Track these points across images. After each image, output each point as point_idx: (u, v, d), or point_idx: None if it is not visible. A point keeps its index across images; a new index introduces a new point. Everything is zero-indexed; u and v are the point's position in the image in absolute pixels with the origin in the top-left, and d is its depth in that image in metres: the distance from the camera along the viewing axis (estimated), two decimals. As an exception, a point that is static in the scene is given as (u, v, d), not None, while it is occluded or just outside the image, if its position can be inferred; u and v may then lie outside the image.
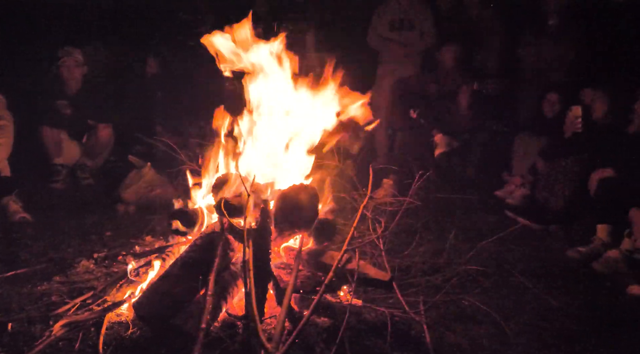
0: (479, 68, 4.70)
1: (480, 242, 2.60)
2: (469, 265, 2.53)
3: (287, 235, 2.21)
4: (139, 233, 3.22)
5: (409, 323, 2.09)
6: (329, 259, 2.09)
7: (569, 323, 2.22)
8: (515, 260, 2.88)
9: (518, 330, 2.14)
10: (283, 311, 1.80)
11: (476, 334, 2.10)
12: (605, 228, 3.06)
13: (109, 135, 4.63)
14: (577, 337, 2.12)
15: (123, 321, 2.06)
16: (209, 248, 2.08)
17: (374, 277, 1.98)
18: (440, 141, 4.38)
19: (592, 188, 3.26)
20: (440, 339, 2.02)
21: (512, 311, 2.28)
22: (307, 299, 2.08)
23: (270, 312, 2.10)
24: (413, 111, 4.52)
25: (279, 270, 2.21)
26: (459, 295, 2.33)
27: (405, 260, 2.62)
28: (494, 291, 2.45)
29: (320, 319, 2.10)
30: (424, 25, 4.65)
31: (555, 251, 3.11)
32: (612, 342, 2.08)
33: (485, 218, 3.64)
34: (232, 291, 2.11)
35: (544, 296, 2.39)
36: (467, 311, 2.26)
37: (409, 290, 2.34)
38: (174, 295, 1.94)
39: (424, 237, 2.88)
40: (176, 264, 2.09)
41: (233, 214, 2.11)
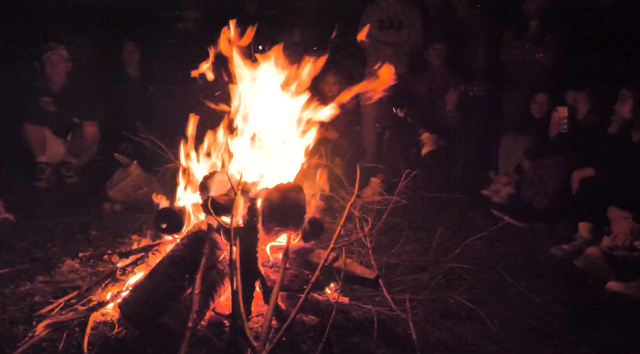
0: (467, 68, 4.75)
1: (466, 240, 2.63)
2: (455, 263, 2.56)
3: (275, 233, 2.22)
4: (125, 232, 3.20)
5: (395, 321, 2.11)
6: (316, 257, 2.10)
7: (551, 318, 2.26)
8: (500, 258, 2.92)
9: (502, 326, 2.17)
10: (270, 309, 1.81)
11: (461, 331, 2.13)
12: (586, 226, 3.12)
13: (94, 132, 4.57)
14: (559, 332, 2.16)
15: (108, 320, 2.04)
16: (196, 247, 2.08)
17: (361, 275, 2.00)
18: (428, 140, 4.42)
19: (575, 187, 3.32)
20: (426, 337, 2.04)
21: (497, 308, 2.32)
22: (294, 298, 2.09)
23: (257, 310, 2.11)
24: (401, 110, 4.55)
25: (266, 269, 2.22)
26: (444, 292, 2.36)
27: (392, 258, 2.64)
28: (479, 289, 2.49)
29: (308, 318, 2.11)
30: (412, 26, 4.70)
31: (539, 248, 3.16)
32: (592, 336, 2.13)
33: (471, 216, 3.68)
34: (219, 289, 2.11)
35: (527, 293, 2.43)
36: (452, 309, 2.28)
37: (395, 287, 2.36)
38: (160, 294, 1.93)
39: (410, 235, 2.91)
40: (163, 263, 2.08)
41: (220, 212, 2.11)
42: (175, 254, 2.11)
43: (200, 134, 2.54)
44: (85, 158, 4.61)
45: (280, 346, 1.83)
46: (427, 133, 4.45)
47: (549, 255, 3.07)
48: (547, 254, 3.08)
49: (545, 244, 3.20)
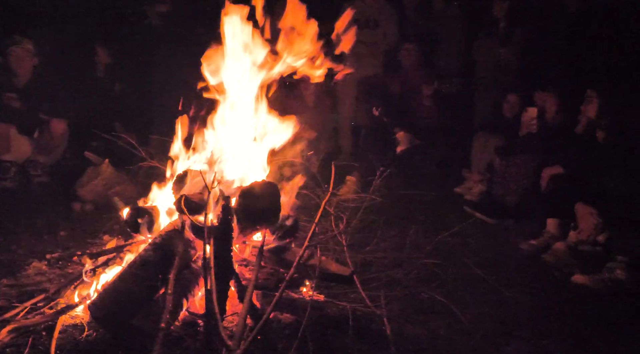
0: (441, 68, 4.84)
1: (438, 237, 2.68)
2: (428, 259, 2.61)
3: (249, 232, 2.21)
4: (96, 232, 3.12)
5: (370, 317, 2.13)
6: (291, 255, 2.10)
7: (521, 311, 2.34)
8: (472, 253, 2.99)
9: (474, 320, 2.23)
10: (244, 308, 1.80)
11: (435, 325, 2.17)
12: (554, 222, 3.23)
13: (63, 130, 4.43)
14: (527, 323, 2.23)
15: (78, 324, 1.99)
16: (169, 247, 2.05)
17: (335, 272, 2.01)
18: (402, 138, 4.48)
19: (543, 185, 3.43)
20: (400, 332, 2.08)
21: (469, 302, 2.37)
22: (270, 296, 2.09)
23: (232, 310, 2.09)
24: (376, 109, 4.59)
25: (241, 267, 2.20)
26: (418, 288, 2.40)
27: (367, 255, 2.67)
28: (451, 284, 2.54)
29: (283, 316, 2.11)
30: (387, 25, 4.75)
31: (509, 244, 3.26)
32: (558, 327, 2.22)
33: (445, 213, 3.75)
34: (193, 289, 2.08)
35: (498, 287, 2.50)
36: (426, 304, 2.33)
37: (370, 284, 2.39)
38: (132, 294, 1.89)
39: (385, 233, 2.94)
40: (135, 263, 2.03)
41: (194, 211, 2.09)
42: (148, 254, 2.07)
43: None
44: (53, 156, 4.46)
45: (255, 344, 1.83)
46: (402, 132, 4.52)
47: (518, 250, 3.16)
48: (516, 249, 3.17)
49: (515, 239, 3.30)
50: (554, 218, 3.25)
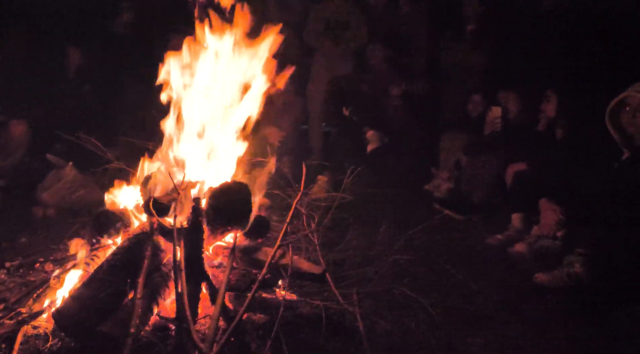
0: (409, 68, 4.92)
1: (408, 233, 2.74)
2: (399, 256, 2.66)
3: (221, 233, 2.19)
4: (59, 238, 3.01)
5: (343, 314, 2.15)
6: (264, 255, 2.10)
7: (487, 303, 2.42)
8: (441, 249, 3.07)
9: (443, 313, 2.28)
10: (216, 310, 1.78)
11: (406, 320, 2.22)
12: (519, 217, 3.35)
13: (22, 131, 4.25)
14: (493, 316, 2.32)
15: (41, 333, 1.92)
16: (138, 250, 2.00)
17: (308, 271, 2.03)
18: (372, 137, 4.54)
19: (508, 181, 3.56)
20: (373, 328, 2.11)
21: (438, 297, 2.44)
22: (242, 297, 2.07)
23: (204, 312, 2.07)
24: (346, 109, 4.64)
25: (213, 269, 2.18)
26: (390, 284, 2.44)
27: (340, 254, 2.69)
28: (422, 279, 2.60)
29: (257, 316, 2.11)
30: (357, 26, 4.80)
31: (476, 239, 3.36)
32: (521, 319, 2.31)
33: (415, 211, 3.83)
34: (164, 293, 2.05)
35: (466, 281, 2.58)
36: (397, 299, 2.37)
37: (343, 282, 2.41)
38: (99, 300, 1.84)
39: (357, 231, 2.97)
40: (101, 268, 1.98)
41: (163, 213, 2.05)
42: (116, 258, 2.02)
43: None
44: (12, 159, 4.26)
45: (228, 346, 1.82)
46: (371, 131, 4.57)
47: (485, 244, 3.27)
48: (483, 244, 3.27)
49: (482, 235, 3.40)
50: (518, 214, 3.37)
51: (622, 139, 2.77)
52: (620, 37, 3.59)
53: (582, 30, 3.76)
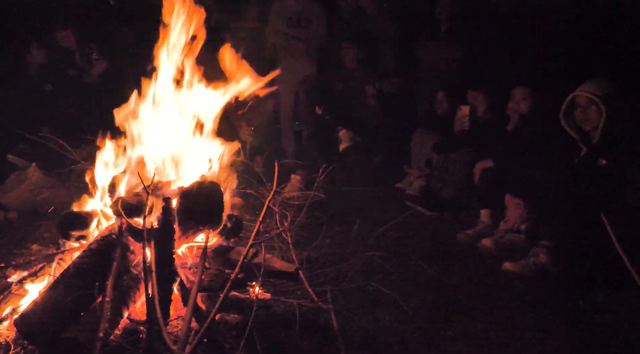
0: (380, 68, 4.98)
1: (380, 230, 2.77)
2: (372, 252, 2.69)
3: (192, 233, 2.16)
4: (23, 241, 2.90)
5: (317, 312, 2.16)
6: (236, 255, 2.09)
7: (458, 296, 2.48)
8: (414, 245, 3.12)
9: (416, 308, 2.33)
10: (188, 311, 1.76)
11: (380, 316, 2.25)
12: (487, 212, 3.45)
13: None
14: (464, 308, 2.37)
15: (2, 342, 1.84)
16: (106, 252, 1.96)
17: (281, 269, 2.03)
18: (344, 136, 4.57)
19: (476, 178, 3.65)
20: (347, 324, 2.12)
21: (411, 292, 2.47)
22: (215, 298, 2.05)
23: (177, 314, 2.04)
24: (318, 107, 4.65)
25: (185, 270, 2.15)
26: (364, 281, 2.47)
27: (313, 252, 2.70)
28: (395, 275, 2.64)
29: (230, 316, 2.09)
30: (318, 24, 4.79)
31: (447, 234, 3.42)
32: (490, 310, 2.37)
33: (387, 208, 3.87)
34: (134, 295, 2.01)
35: (437, 276, 2.64)
36: (371, 296, 2.40)
37: (317, 280, 2.42)
38: (65, 305, 1.78)
39: (330, 229, 2.99)
40: (68, 271, 1.92)
41: (132, 214, 2.01)
42: (83, 261, 1.96)
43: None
44: (-30, 161, 4.08)
45: (201, 347, 1.80)
46: (343, 130, 4.60)
47: (456, 240, 3.34)
48: (454, 239, 3.34)
49: (453, 230, 3.47)
50: (487, 209, 3.47)
51: (580, 137, 2.90)
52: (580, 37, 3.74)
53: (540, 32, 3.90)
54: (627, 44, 3.62)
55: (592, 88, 2.76)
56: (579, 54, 3.70)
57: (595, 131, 2.79)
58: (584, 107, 2.78)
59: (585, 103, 2.77)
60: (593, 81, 2.82)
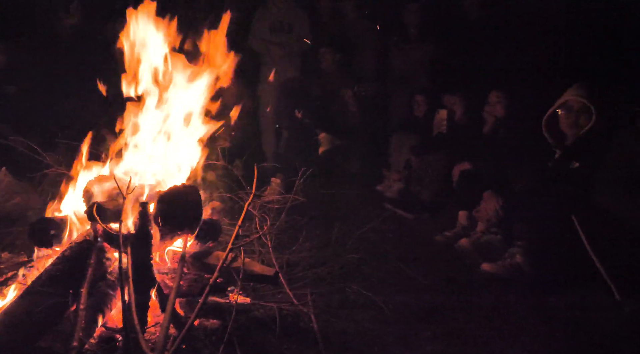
0: (358, 72, 5.03)
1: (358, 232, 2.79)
2: (351, 255, 2.71)
3: (170, 238, 2.13)
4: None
5: (297, 315, 2.16)
6: (215, 259, 2.07)
7: (436, 297, 2.51)
8: (393, 247, 3.15)
9: (395, 309, 2.34)
10: (166, 317, 1.74)
11: (360, 318, 2.26)
12: (464, 214, 3.51)
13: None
14: (442, 308, 2.40)
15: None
16: (81, 259, 1.91)
17: (260, 273, 2.02)
18: (324, 140, 4.60)
19: (454, 180, 3.72)
20: (327, 327, 2.13)
21: (390, 293, 2.49)
22: (194, 303, 2.03)
23: (155, 320, 2.00)
24: (298, 111, 4.66)
25: (163, 276, 2.12)
26: (343, 283, 2.48)
27: (293, 255, 2.70)
28: (374, 277, 2.66)
29: (209, 322, 2.07)
30: (301, 29, 4.86)
31: (426, 236, 3.48)
32: (468, 310, 2.41)
33: (367, 211, 3.90)
34: (110, 303, 1.96)
35: (416, 277, 2.67)
36: (351, 298, 2.41)
37: (297, 283, 2.42)
38: (37, 314, 1.73)
39: (310, 232, 3.00)
40: (40, 279, 1.87)
41: (108, 219, 1.97)
42: (56, 268, 1.91)
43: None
44: None
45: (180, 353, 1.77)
46: (323, 134, 4.63)
47: (434, 241, 3.39)
48: (432, 241, 3.40)
49: (431, 232, 3.52)
50: (464, 211, 3.53)
51: (555, 140, 2.98)
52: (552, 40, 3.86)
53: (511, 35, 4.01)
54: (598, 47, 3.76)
55: (583, 93, 2.77)
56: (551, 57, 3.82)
57: (572, 135, 2.87)
58: (577, 112, 2.78)
59: (579, 108, 2.78)
60: (581, 85, 2.82)
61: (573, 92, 2.84)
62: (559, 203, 2.69)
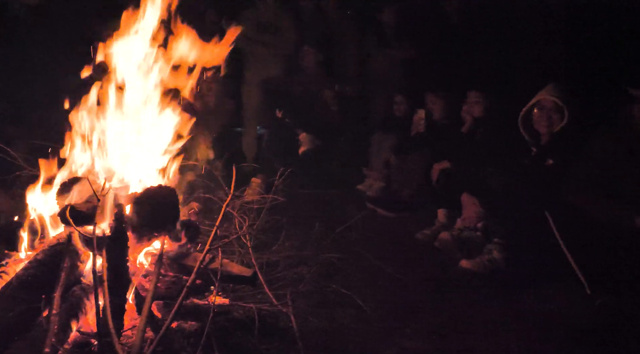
0: (339, 71, 5.05)
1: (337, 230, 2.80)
2: (332, 254, 2.72)
3: (147, 239, 2.10)
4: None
5: (277, 316, 2.16)
6: (193, 261, 2.05)
7: (415, 295, 2.54)
8: (373, 246, 3.16)
9: (375, 307, 2.36)
10: (142, 320, 1.71)
11: (339, 317, 2.27)
12: (444, 212, 3.56)
13: None
14: (421, 306, 2.44)
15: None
16: (54, 263, 1.87)
17: (238, 274, 2.01)
18: (305, 139, 4.60)
19: (434, 179, 3.76)
20: (306, 326, 2.13)
21: (370, 292, 2.51)
22: (172, 306, 1.99)
23: (132, 324, 1.97)
24: (279, 110, 4.65)
25: (141, 278, 2.09)
26: (323, 283, 2.49)
27: (274, 255, 2.70)
28: (354, 276, 2.67)
29: (188, 324, 2.05)
30: (286, 29, 4.86)
31: (406, 234, 3.51)
32: (446, 306, 2.45)
33: (347, 210, 3.92)
34: (85, 307, 1.92)
35: (395, 275, 2.69)
36: (331, 297, 2.41)
37: (277, 283, 2.42)
38: (7, 320, 1.68)
39: (290, 232, 2.99)
40: (10, 285, 1.82)
41: (82, 222, 1.93)
42: (28, 273, 1.87)
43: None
44: None
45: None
46: (304, 133, 4.63)
47: (414, 239, 3.43)
48: (412, 239, 3.43)
49: (411, 230, 3.56)
50: (443, 209, 3.58)
51: (531, 138, 3.06)
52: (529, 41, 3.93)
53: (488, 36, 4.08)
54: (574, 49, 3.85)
55: (556, 93, 2.89)
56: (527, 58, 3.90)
57: (547, 133, 2.94)
58: (550, 111, 2.89)
59: (552, 107, 2.89)
60: (555, 85, 2.94)
61: (546, 92, 2.93)
62: (534, 200, 2.76)
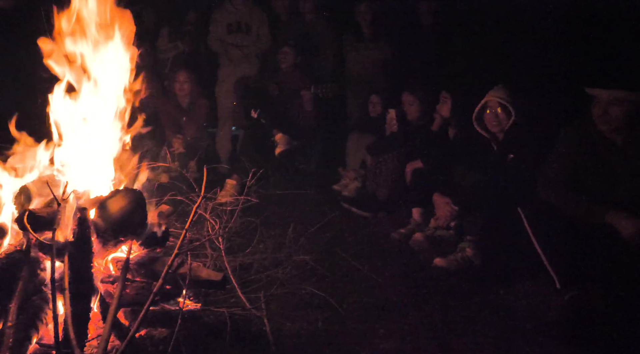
0: (316, 71, 5.02)
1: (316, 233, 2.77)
2: (306, 255, 2.68)
3: (113, 245, 2.03)
4: None
5: (249, 320, 2.12)
6: (161, 265, 1.98)
7: (390, 294, 2.53)
8: (348, 246, 3.15)
9: (350, 308, 2.35)
10: (106, 328, 1.65)
11: (314, 319, 2.23)
12: (418, 211, 3.58)
13: None
14: (396, 305, 2.43)
15: None
16: (10, 271, 1.78)
17: (207, 279, 1.95)
18: (280, 140, 4.56)
19: (407, 179, 3.78)
20: (280, 329, 2.10)
21: (345, 293, 2.49)
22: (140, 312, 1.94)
23: (97, 333, 1.90)
24: (254, 111, 4.60)
25: (107, 285, 2.01)
26: (297, 284, 2.45)
27: (247, 258, 2.65)
28: (328, 277, 2.64)
29: (157, 331, 1.99)
30: (260, 29, 4.81)
31: (381, 234, 3.50)
32: (421, 305, 2.45)
33: (323, 210, 3.89)
34: (46, 317, 1.84)
35: (370, 275, 2.68)
36: (305, 299, 2.38)
37: (250, 286, 2.38)
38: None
39: (265, 233, 2.95)
40: (-36, 295, 1.72)
41: (42, 227, 1.85)
42: (-17, 282, 1.77)
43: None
44: None
45: (123, 366, 1.68)
46: (280, 134, 4.59)
47: (389, 239, 3.43)
48: (388, 238, 3.43)
49: (386, 230, 3.56)
50: (418, 208, 3.60)
51: (491, 136, 3.12)
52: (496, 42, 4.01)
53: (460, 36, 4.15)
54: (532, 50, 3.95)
55: (501, 93, 3.03)
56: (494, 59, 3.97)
57: (500, 131, 3.04)
58: (496, 111, 3.01)
59: (498, 107, 3.01)
60: (501, 87, 3.09)
61: (493, 92, 3.07)
62: (504, 196, 2.80)
